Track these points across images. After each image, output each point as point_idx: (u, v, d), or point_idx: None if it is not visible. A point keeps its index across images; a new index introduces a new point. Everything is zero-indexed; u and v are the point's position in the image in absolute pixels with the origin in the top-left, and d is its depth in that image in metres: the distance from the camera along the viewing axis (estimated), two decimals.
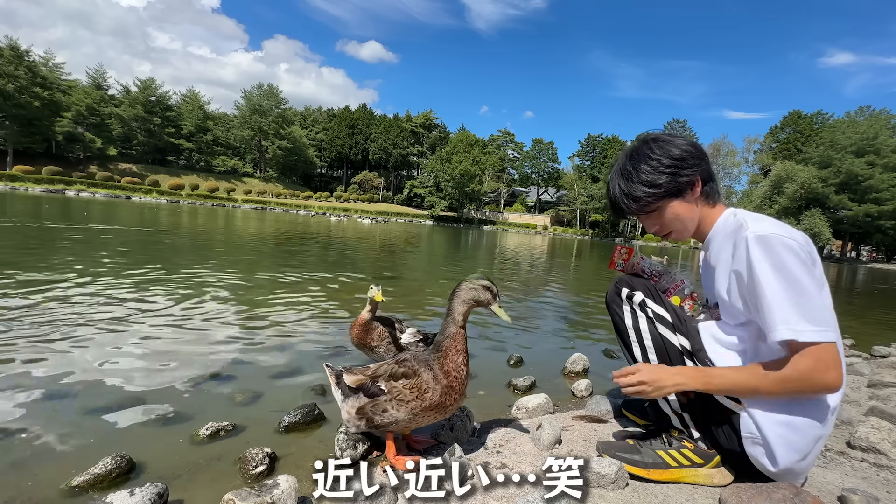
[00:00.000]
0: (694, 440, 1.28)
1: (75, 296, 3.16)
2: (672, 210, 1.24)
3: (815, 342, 0.98)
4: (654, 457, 1.26)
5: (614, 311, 1.40)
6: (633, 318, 1.34)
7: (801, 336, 0.98)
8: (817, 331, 0.99)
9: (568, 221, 67.34)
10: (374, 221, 36.72)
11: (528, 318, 3.89)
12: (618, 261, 1.49)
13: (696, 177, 1.22)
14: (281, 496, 1.01)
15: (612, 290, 1.41)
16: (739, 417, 1.14)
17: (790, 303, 1.00)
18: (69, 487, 1.15)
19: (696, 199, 1.24)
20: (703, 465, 1.24)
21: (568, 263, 11.76)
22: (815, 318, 0.99)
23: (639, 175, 1.23)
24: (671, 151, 1.21)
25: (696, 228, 1.29)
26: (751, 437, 1.13)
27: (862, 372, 2.77)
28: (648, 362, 1.30)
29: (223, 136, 63.33)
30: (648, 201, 1.23)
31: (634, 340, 1.34)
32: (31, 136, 45.01)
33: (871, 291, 11.04)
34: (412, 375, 1.25)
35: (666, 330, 1.29)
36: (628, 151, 1.29)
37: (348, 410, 1.31)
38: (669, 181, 1.20)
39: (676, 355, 1.26)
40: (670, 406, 1.30)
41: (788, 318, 1.00)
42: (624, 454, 1.27)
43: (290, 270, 5.46)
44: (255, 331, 2.72)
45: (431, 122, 75.89)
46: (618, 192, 1.28)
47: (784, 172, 44.65)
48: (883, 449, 1.50)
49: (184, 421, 1.55)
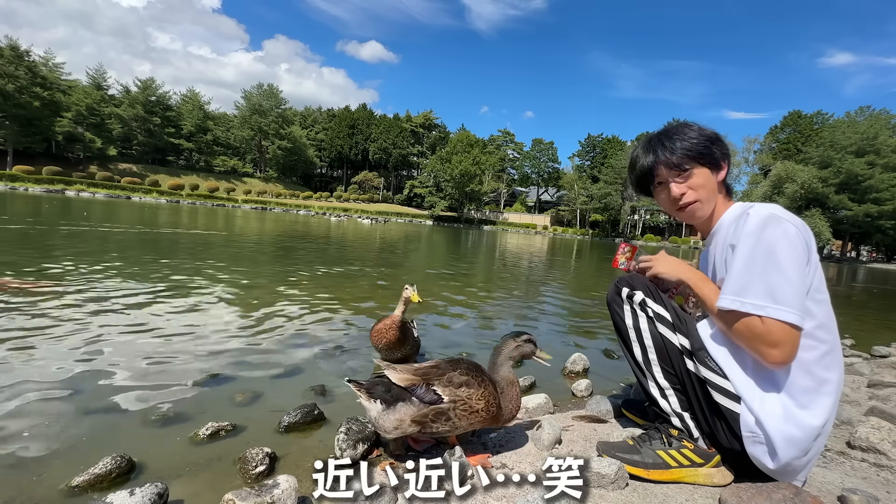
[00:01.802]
0: (694, 440, 1.28)
1: (75, 295, 3.16)
2: (702, 175, 1.26)
3: (772, 318, 1.02)
4: (654, 457, 1.26)
5: (614, 311, 1.40)
6: (633, 317, 1.35)
7: (750, 308, 1.05)
8: (778, 308, 1.02)
9: (568, 221, 67.33)
10: (375, 221, 36.72)
11: (528, 318, 3.89)
12: (621, 259, 1.51)
13: (725, 161, 1.28)
14: (281, 496, 1.01)
15: (612, 290, 1.41)
16: (739, 417, 1.14)
17: (753, 277, 1.06)
18: (69, 487, 1.15)
19: (720, 183, 1.29)
20: (703, 465, 1.24)
21: (568, 263, 11.76)
22: (778, 296, 1.02)
23: (680, 140, 1.26)
24: (706, 131, 1.28)
25: (710, 214, 1.30)
26: (752, 436, 1.13)
27: (862, 372, 2.77)
28: (649, 362, 1.31)
29: (223, 136, 63.35)
30: (688, 155, 1.25)
31: (634, 340, 1.34)
32: (31, 136, 45.02)
33: (870, 291, 11.03)
34: (473, 385, 1.25)
35: (666, 329, 1.29)
36: (661, 130, 1.34)
37: (400, 419, 1.21)
38: (706, 148, 1.25)
39: (676, 355, 1.26)
40: (671, 406, 1.30)
41: (743, 290, 1.07)
42: (624, 454, 1.27)
43: (291, 270, 5.46)
44: (255, 331, 2.71)
45: (431, 122, 75.90)
46: (657, 152, 1.29)
47: (784, 172, 44.63)
48: (883, 449, 1.50)
49: (184, 421, 1.55)
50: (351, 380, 1.29)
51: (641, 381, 1.36)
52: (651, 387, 1.33)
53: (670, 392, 1.30)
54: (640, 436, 1.35)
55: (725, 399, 1.16)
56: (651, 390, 1.33)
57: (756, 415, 1.11)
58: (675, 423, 1.30)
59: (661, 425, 1.34)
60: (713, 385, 1.19)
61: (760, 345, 1.05)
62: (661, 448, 1.27)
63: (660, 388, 1.31)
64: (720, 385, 1.18)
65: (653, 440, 1.31)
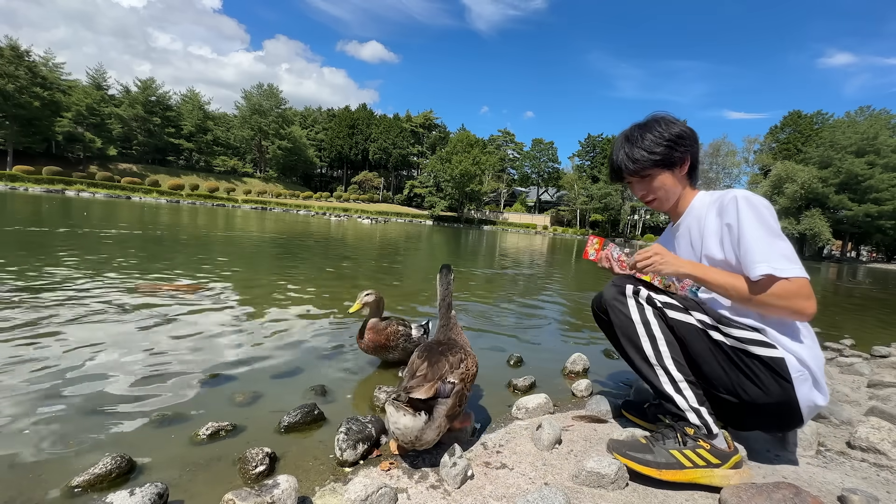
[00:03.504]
0: (712, 436, 1.24)
1: (74, 294, 3.16)
2: (660, 179, 1.43)
3: (797, 276, 1.16)
4: (668, 456, 1.21)
5: (617, 310, 1.39)
6: (639, 311, 1.35)
7: (781, 272, 1.16)
8: (796, 267, 1.16)
9: (568, 221, 67.32)
10: (375, 221, 36.72)
11: (527, 318, 3.89)
12: (590, 250, 1.60)
13: (687, 156, 1.42)
14: (281, 496, 1.01)
15: (612, 290, 1.41)
16: (785, 360, 1.21)
17: (770, 245, 1.19)
18: (69, 487, 1.15)
19: (682, 176, 1.45)
20: (720, 466, 1.20)
21: (568, 263, 11.75)
22: (791, 258, 1.18)
23: (642, 141, 1.41)
24: (672, 129, 1.40)
25: (675, 203, 1.48)
26: (800, 375, 1.21)
27: (862, 372, 2.77)
28: (661, 355, 1.30)
29: (223, 136, 63.30)
30: (644, 165, 1.41)
31: (644, 335, 1.32)
32: (31, 136, 44.97)
33: (869, 291, 11.03)
34: (463, 355, 1.43)
35: (679, 314, 1.32)
36: (637, 123, 1.47)
37: (439, 424, 1.23)
38: (665, 152, 1.39)
39: (695, 335, 1.29)
40: (687, 401, 1.27)
41: (769, 257, 1.18)
42: (635, 453, 1.23)
43: (291, 270, 5.46)
44: (255, 331, 2.71)
45: (431, 122, 75.89)
46: (621, 155, 1.45)
47: (784, 172, 44.64)
48: (883, 449, 1.50)
49: (184, 421, 1.55)
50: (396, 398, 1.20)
51: (652, 380, 1.32)
52: (664, 382, 1.29)
53: (685, 385, 1.28)
54: (654, 434, 1.31)
55: (768, 349, 1.22)
56: (664, 386, 1.29)
57: (799, 354, 1.21)
58: (691, 419, 1.26)
59: (676, 423, 1.29)
60: (751, 342, 1.23)
61: (798, 301, 1.16)
62: (676, 447, 1.23)
63: (673, 381, 1.28)
64: (758, 339, 1.23)
65: (666, 439, 1.27)
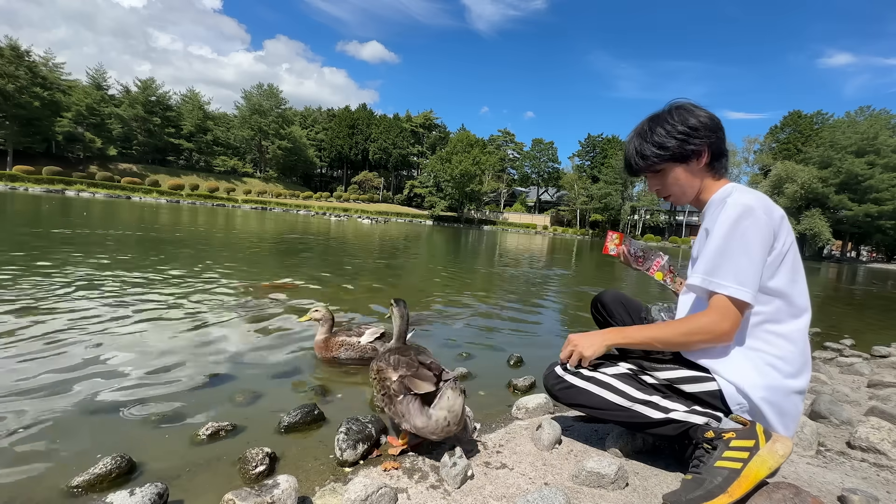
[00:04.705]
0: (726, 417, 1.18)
1: (75, 295, 3.16)
2: (674, 174, 1.32)
3: (728, 295, 1.13)
4: (719, 473, 1.07)
5: (564, 392, 1.33)
6: (580, 378, 1.30)
7: (711, 286, 1.15)
8: (731, 287, 1.12)
9: (568, 221, 67.32)
10: (375, 221, 36.71)
11: (528, 318, 3.89)
12: (611, 245, 1.60)
13: (704, 148, 1.28)
14: (281, 496, 1.01)
15: (549, 380, 1.36)
16: (723, 392, 1.19)
17: (723, 257, 1.14)
18: (69, 487, 1.15)
19: (700, 169, 1.31)
20: (758, 446, 1.08)
21: (568, 263, 11.75)
22: (739, 277, 1.12)
23: (653, 136, 1.31)
24: (688, 120, 1.27)
25: (697, 197, 1.35)
26: (740, 407, 1.18)
27: (862, 372, 2.77)
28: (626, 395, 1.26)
29: (223, 136, 63.22)
30: (655, 161, 1.32)
31: (601, 390, 1.27)
32: (31, 136, 44.94)
33: (869, 291, 11.03)
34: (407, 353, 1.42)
35: (610, 368, 1.30)
36: (652, 114, 1.37)
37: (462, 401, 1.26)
38: (677, 146, 1.28)
39: (632, 383, 1.27)
40: (679, 412, 1.20)
41: (711, 269, 1.16)
42: (696, 493, 1.06)
43: (291, 270, 5.46)
44: (255, 331, 2.71)
45: (431, 122, 75.87)
46: (632, 149, 1.37)
47: (784, 172, 44.60)
48: (883, 449, 1.50)
49: (184, 421, 1.55)
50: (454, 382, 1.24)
51: (640, 420, 1.24)
52: (649, 413, 1.22)
53: (663, 401, 1.22)
54: (692, 466, 1.18)
55: (700, 384, 1.21)
56: (652, 414, 1.22)
57: (735, 383, 1.17)
58: (696, 421, 1.18)
59: (694, 435, 1.19)
60: (681, 380, 1.23)
61: (716, 317, 1.14)
62: (717, 460, 1.10)
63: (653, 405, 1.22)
64: (688, 376, 1.22)
65: (702, 460, 1.15)
